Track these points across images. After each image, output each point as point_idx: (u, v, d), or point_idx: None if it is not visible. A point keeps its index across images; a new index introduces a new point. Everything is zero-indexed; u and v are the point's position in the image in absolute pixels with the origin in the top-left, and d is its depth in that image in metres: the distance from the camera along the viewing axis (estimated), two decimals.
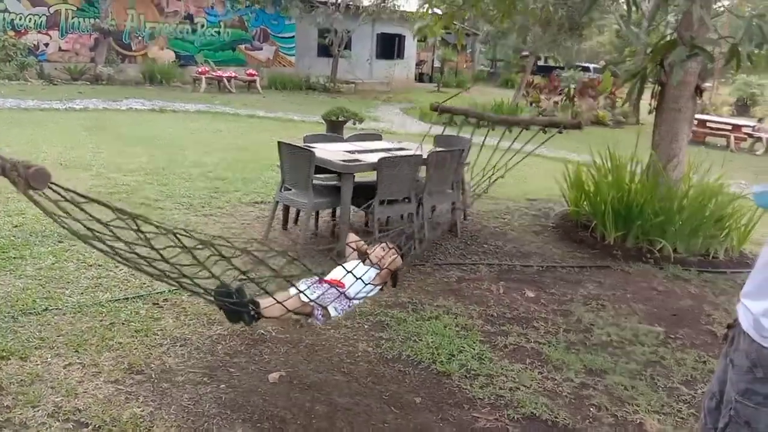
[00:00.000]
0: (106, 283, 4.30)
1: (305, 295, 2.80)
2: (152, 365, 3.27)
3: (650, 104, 6.39)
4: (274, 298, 2.69)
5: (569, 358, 3.74)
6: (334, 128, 10.65)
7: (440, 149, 6.06)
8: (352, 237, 3.77)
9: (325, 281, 3.00)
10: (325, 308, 2.90)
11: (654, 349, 3.99)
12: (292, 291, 2.91)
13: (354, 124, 11.45)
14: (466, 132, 5.75)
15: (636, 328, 4.27)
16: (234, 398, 3.04)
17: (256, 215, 6.31)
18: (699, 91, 6.05)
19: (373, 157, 5.48)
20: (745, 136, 16.39)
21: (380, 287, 3.26)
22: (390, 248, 3.53)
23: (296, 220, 6.07)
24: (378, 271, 3.24)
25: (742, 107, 26.94)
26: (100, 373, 3.15)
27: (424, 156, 5.61)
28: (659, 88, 6.21)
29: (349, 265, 3.05)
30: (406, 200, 5.63)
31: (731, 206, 5.92)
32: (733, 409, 1.92)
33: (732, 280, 5.36)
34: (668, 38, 6.02)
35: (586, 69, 27.54)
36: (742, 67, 5.16)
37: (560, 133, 4.59)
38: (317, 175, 5.46)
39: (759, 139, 16.19)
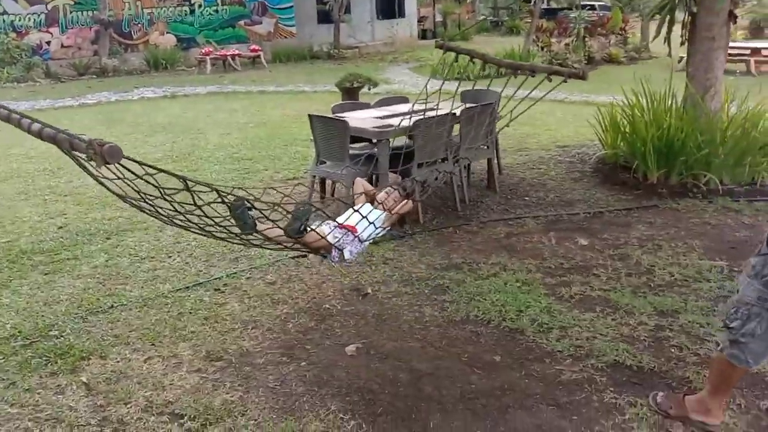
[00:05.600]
0: (163, 274, 4.32)
1: (327, 240, 3.09)
2: (229, 350, 3.30)
3: (682, 35, 6.20)
4: (315, 231, 2.99)
5: (638, 302, 3.71)
6: (350, 95, 10.50)
7: (471, 105, 5.95)
8: (359, 184, 3.85)
9: (343, 226, 3.22)
10: (341, 251, 3.12)
11: (720, 283, 3.94)
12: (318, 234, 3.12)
13: (369, 89, 11.30)
14: (483, 85, 5.67)
15: (698, 265, 4.22)
16: (318, 374, 3.06)
17: (290, 192, 6.28)
18: (733, 16, 5.86)
19: (406, 120, 5.39)
20: (766, 59, 15.95)
21: (389, 228, 3.51)
22: (395, 191, 3.70)
23: (332, 193, 6.04)
24: (387, 214, 3.43)
25: (757, 30, 26.13)
26: (181, 363, 3.18)
27: (457, 113, 5.52)
28: (690, 17, 6.03)
29: (363, 210, 3.22)
30: (443, 161, 5.56)
31: None
32: None
33: None
34: None
35: (592, 8, 26.85)
36: None
37: (565, 82, 4.50)
38: (351, 145, 5.41)
39: None
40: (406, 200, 3.67)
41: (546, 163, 7.13)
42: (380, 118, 5.66)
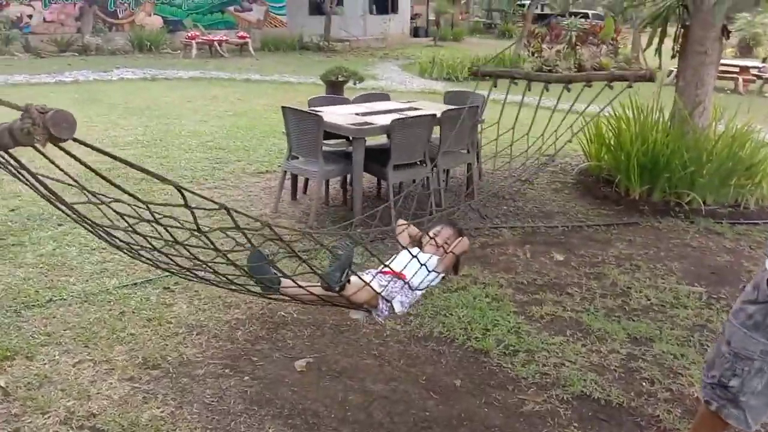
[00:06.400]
0: (112, 267, 4.04)
1: (372, 288, 2.49)
2: (169, 358, 3.04)
3: (673, 48, 6.02)
4: (359, 277, 2.44)
5: (611, 327, 3.50)
6: (335, 89, 10.23)
7: (453, 107, 5.72)
8: (401, 223, 3.18)
9: (387, 272, 2.65)
10: (390, 302, 2.57)
11: (698, 311, 3.75)
12: (361, 280, 2.54)
13: (354, 84, 11.04)
14: (484, 89, 5.43)
15: (676, 289, 4.03)
16: (260, 391, 2.81)
17: (262, 186, 6.02)
18: (726, 32, 5.68)
19: (385, 119, 5.15)
20: (754, 78, 15.91)
21: (443, 275, 2.88)
22: (445, 227, 3.08)
23: (305, 190, 5.79)
24: (440, 257, 2.84)
25: (745, 48, 26.24)
26: (114, 369, 2.92)
27: (438, 114, 5.29)
28: (682, 30, 5.85)
29: (412, 252, 2.61)
30: (421, 163, 5.34)
31: (762, 153, 5.62)
32: (723, 327, 2.15)
33: (766, 232, 5.10)
34: None
35: (585, 16, 26.77)
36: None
37: (630, 87, 4.34)
38: (326, 141, 5.15)
39: None
40: (460, 237, 3.01)
41: (527, 171, 6.91)
42: (359, 114, 5.41)
